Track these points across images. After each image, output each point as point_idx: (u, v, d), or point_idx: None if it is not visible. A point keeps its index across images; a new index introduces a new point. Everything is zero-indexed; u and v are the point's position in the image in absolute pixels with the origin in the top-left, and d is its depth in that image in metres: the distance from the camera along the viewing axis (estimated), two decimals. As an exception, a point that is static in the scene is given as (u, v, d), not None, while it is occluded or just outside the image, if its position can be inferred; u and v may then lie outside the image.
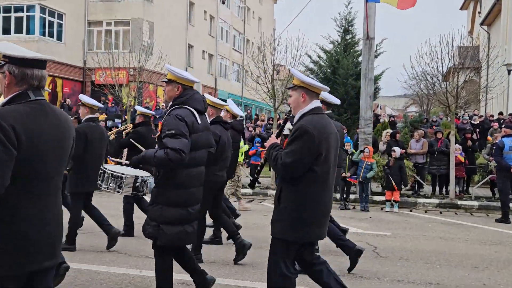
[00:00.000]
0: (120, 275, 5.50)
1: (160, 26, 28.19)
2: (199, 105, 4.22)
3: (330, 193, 3.78)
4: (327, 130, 3.70)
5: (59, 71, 25.83)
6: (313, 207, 3.65)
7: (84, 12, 27.57)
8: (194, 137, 4.04)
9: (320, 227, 3.74)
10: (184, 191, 4.06)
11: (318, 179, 3.64)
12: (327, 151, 3.65)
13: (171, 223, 4.01)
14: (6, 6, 24.72)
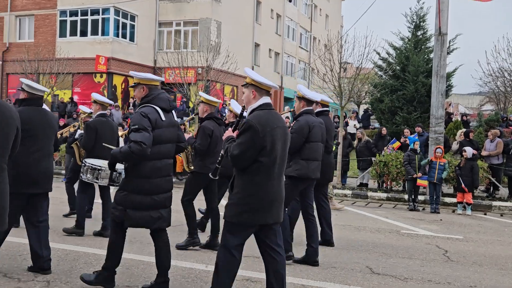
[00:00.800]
0: (187, 269, 5.62)
1: (228, 26, 28.58)
2: (164, 104, 4.63)
3: (275, 182, 4.07)
4: (272, 124, 3.99)
5: (131, 70, 26.82)
6: (259, 194, 3.98)
7: (155, 13, 28.47)
8: (157, 132, 4.47)
9: (266, 212, 4.03)
10: (148, 180, 4.49)
11: (263, 169, 3.97)
12: (271, 143, 3.96)
13: (135, 208, 4.48)
14: (84, 9, 26.00)
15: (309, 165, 5.90)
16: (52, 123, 5.33)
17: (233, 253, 4.04)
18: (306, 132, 5.85)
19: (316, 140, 5.95)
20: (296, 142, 5.75)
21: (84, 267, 5.48)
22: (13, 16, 27.85)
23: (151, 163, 4.49)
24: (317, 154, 6.00)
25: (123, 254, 4.84)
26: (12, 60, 26.44)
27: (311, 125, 5.89)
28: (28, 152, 4.95)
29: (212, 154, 6.38)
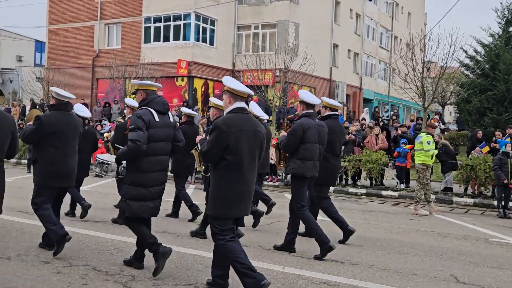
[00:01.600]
0: (264, 270, 5.62)
1: (305, 27, 28.46)
2: (158, 107, 5.18)
3: (245, 178, 4.50)
4: (239, 126, 4.45)
5: (210, 73, 27.49)
6: (227, 189, 4.45)
7: (234, 17, 28.96)
8: (151, 131, 5.03)
9: (236, 207, 4.52)
10: (144, 174, 5.05)
11: (230, 166, 4.44)
12: (236, 143, 4.41)
13: (134, 199, 5.05)
14: (166, 15, 27.00)
15: (305, 165, 6.27)
16: (77, 126, 6.05)
17: (228, 240, 4.52)
18: (300, 134, 6.22)
19: (312, 141, 6.28)
20: (291, 143, 6.29)
21: (166, 264, 5.64)
22: (102, 24, 29.51)
23: (147, 159, 5.05)
24: (312, 154, 6.31)
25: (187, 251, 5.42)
26: (101, 65, 28.01)
27: (305, 127, 6.22)
28: (55, 151, 5.73)
29: None
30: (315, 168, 6.39)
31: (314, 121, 6.39)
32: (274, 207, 8.64)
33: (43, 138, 5.72)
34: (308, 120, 6.33)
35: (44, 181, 5.73)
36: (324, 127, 6.52)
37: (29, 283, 4.78)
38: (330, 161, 6.93)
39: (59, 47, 30.92)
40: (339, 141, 7.11)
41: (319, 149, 6.41)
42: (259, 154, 4.67)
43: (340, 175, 14.88)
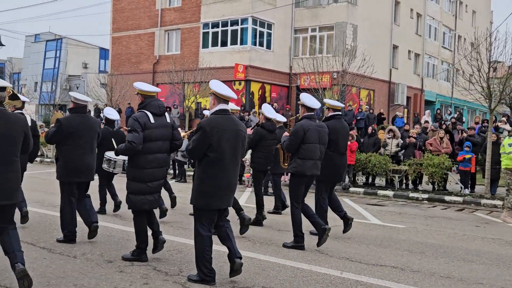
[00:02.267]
0: (321, 275, 5.56)
1: (364, 28, 28.00)
2: (154, 109, 5.61)
3: (226, 173, 4.94)
4: (221, 126, 4.90)
5: (267, 77, 27.60)
6: (210, 183, 4.91)
7: (291, 21, 28.94)
8: (147, 132, 5.47)
9: (219, 199, 4.96)
10: (142, 170, 5.52)
11: (213, 162, 4.90)
12: (217, 142, 4.86)
13: (134, 193, 5.55)
14: (224, 20, 27.39)
15: (305, 164, 6.64)
16: (94, 126, 6.64)
17: (209, 236, 4.97)
18: (301, 135, 6.59)
19: (312, 141, 6.66)
20: (293, 144, 6.67)
21: (223, 266, 5.70)
22: (162, 31, 30.34)
23: (144, 157, 5.51)
24: (313, 154, 6.67)
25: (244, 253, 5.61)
26: (161, 71, 28.78)
27: (306, 128, 6.60)
28: (74, 149, 6.36)
29: None
30: (316, 166, 6.74)
31: (315, 122, 6.78)
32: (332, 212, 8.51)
33: (63, 138, 6.39)
34: (309, 121, 6.71)
35: (64, 176, 6.40)
36: (324, 127, 6.91)
37: (93, 281, 4.96)
38: (335, 159, 7.32)
39: (122, 54, 32.08)
40: (343, 140, 7.48)
41: (319, 149, 6.76)
42: (241, 151, 5.13)
43: (400, 179, 14.50)
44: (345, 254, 6.62)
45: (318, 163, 6.79)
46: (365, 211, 11.01)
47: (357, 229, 8.66)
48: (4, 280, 4.93)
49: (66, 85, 43.88)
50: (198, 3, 28.37)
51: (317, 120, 6.87)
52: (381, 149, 15.09)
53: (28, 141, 4.80)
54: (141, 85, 5.76)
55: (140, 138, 5.42)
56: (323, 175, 7.12)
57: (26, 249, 6.11)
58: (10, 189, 4.57)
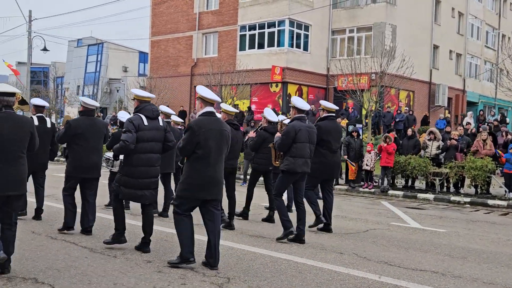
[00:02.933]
0: (359, 278, 5.49)
1: (403, 29, 27.52)
2: (147, 113, 6.18)
3: (212, 168, 5.54)
4: (207, 126, 5.50)
5: (304, 79, 27.49)
6: (197, 176, 5.50)
7: (328, 22, 28.75)
8: (140, 133, 6.03)
9: (204, 190, 5.54)
10: (134, 168, 6.08)
11: (199, 158, 5.48)
12: (204, 140, 5.45)
13: (124, 186, 6.12)
14: (261, 23, 27.46)
15: (296, 161, 7.13)
16: (100, 128, 7.33)
17: (182, 217, 5.58)
18: (292, 135, 7.10)
19: (303, 141, 7.16)
20: (285, 143, 7.16)
21: (260, 268, 5.71)
22: (200, 34, 30.70)
23: (136, 156, 6.07)
24: (303, 152, 7.17)
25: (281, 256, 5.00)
26: (199, 74, 29.12)
27: (297, 129, 7.11)
28: (81, 148, 7.04)
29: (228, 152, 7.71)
30: (306, 164, 7.24)
31: (305, 123, 7.30)
32: (370, 215, 8.42)
33: (71, 138, 7.11)
34: (299, 123, 7.23)
35: (71, 171, 7.14)
36: (313, 128, 7.47)
37: (133, 280, 5.05)
38: (327, 157, 7.90)
39: (161, 57, 32.63)
40: (335, 140, 8.04)
41: (309, 148, 7.28)
42: (226, 148, 5.77)
43: (441, 183, 14.17)
44: (383, 258, 6.51)
45: (308, 161, 7.31)
46: (405, 214, 10.80)
47: (396, 232, 8.51)
48: (29, 272, 5.08)
49: (107, 88, 44.96)
50: (236, 6, 28.55)
51: (307, 121, 7.42)
52: (421, 151, 14.77)
53: (34, 141, 5.36)
54: (137, 91, 6.45)
55: (133, 138, 5.99)
56: (316, 171, 7.70)
57: (68, 248, 6.30)
58: (18, 181, 5.14)
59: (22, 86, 37.77)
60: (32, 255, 5.90)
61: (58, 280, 4.97)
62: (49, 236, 7.00)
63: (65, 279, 5.01)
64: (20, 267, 5.37)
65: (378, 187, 14.70)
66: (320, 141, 7.64)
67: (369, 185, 14.78)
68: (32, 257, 5.79)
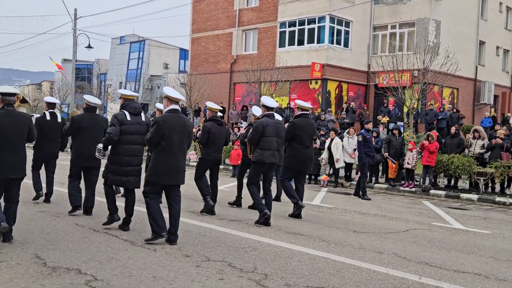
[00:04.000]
0: (398, 278, 5.39)
1: (447, 24, 26.78)
2: (131, 110, 7.13)
3: (174, 158, 6.43)
4: (171, 121, 6.41)
5: (344, 76, 27.18)
6: (161, 164, 6.41)
7: (370, 18, 28.30)
8: (123, 127, 6.97)
9: (168, 176, 6.43)
10: (119, 157, 7.02)
11: (163, 149, 6.39)
12: (168, 133, 6.36)
13: (112, 173, 7.08)
14: (301, 19, 27.29)
15: (264, 153, 8.10)
16: (100, 123, 8.20)
17: (150, 198, 6.48)
18: (261, 130, 8.07)
19: (270, 135, 8.10)
20: (254, 138, 8.15)
21: (297, 265, 5.69)
22: (240, 30, 30.81)
23: (120, 146, 6.99)
24: (271, 145, 8.11)
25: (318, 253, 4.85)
26: (238, 70, 29.24)
27: (265, 124, 8.10)
28: (82, 140, 8.04)
29: (212, 146, 9.04)
30: (273, 156, 8.16)
31: (273, 120, 8.24)
32: (411, 214, 8.26)
33: (76, 131, 8.14)
34: (268, 119, 8.22)
35: (74, 161, 8.19)
36: (280, 124, 8.45)
37: (172, 274, 5.13)
38: (300, 151, 8.79)
39: (201, 54, 32.95)
40: (307, 135, 8.86)
41: (276, 141, 8.20)
42: (187, 141, 6.64)
43: (486, 183, 13.74)
44: (424, 258, 6.37)
45: (276, 153, 8.21)
46: (447, 214, 10.54)
47: (438, 233, 8.31)
48: (71, 262, 5.23)
49: (148, 85, 45.78)
50: (276, 3, 28.49)
51: (275, 117, 8.37)
52: (465, 150, 14.37)
53: (32, 133, 6.37)
54: (122, 91, 7.45)
55: (117, 131, 6.91)
56: (290, 164, 8.85)
57: (110, 241, 6.46)
58: (19, 166, 6.18)
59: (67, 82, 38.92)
60: (75, 246, 6.08)
61: (100, 271, 5.10)
62: (92, 228, 7.20)
63: (107, 270, 5.14)
64: (64, 257, 5.54)
65: (420, 186, 14.40)
66: (294, 136, 8.70)
67: (410, 184, 14.49)
68: (75, 249, 5.96)
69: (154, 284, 4.79)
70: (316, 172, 15.87)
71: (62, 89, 40.94)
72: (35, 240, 6.33)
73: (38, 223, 7.40)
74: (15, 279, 4.76)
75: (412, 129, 19.06)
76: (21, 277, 4.82)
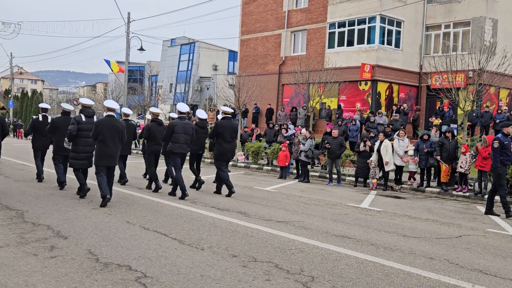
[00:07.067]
0: (450, 286, 5.21)
1: (506, 23, 25.73)
2: (86, 113, 10.12)
3: (108, 148, 9.29)
4: (105, 123, 9.31)
5: (395, 77, 26.61)
6: (99, 152, 9.30)
7: (422, 17, 27.59)
8: (79, 126, 9.89)
9: (105, 160, 9.30)
10: (77, 147, 9.97)
11: (101, 141, 9.25)
12: (101, 131, 9.23)
13: (72, 158, 10.04)
14: (351, 20, 26.95)
15: (174, 145, 10.77)
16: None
17: (100, 175, 9.20)
18: (171, 128, 10.76)
19: (178, 132, 10.76)
20: (167, 134, 10.90)
21: (345, 268, 5.61)
22: (289, 32, 30.77)
23: (78, 139, 9.93)
24: (180, 139, 10.78)
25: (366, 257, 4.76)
26: (287, 72, 29.21)
27: (174, 124, 10.80)
28: (61, 137, 10.82)
29: (152, 140, 11.98)
30: (181, 148, 10.82)
31: (182, 121, 10.92)
32: (464, 220, 7.97)
33: (55, 130, 11.16)
34: (178, 120, 10.94)
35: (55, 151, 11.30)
36: (189, 124, 11.11)
37: (219, 273, 5.18)
38: (223, 145, 11.31)
39: (250, 55, 33.14)
40: (228, 133, 11.31)
41: (184, 137, 10.83)
42: (119, 138, 9.44)
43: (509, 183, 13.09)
44: (477, 265, 6.14)
45: (184, 146, 10.89)
46: (503, 221, 10.12)
47: (493, 240, 7.99)
48: (121, 259, 5.35)
49: (198, 86, 46.45)
50: (325, 3, 28.28)
51: (186, 119, 11.10)
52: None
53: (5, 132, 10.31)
54: (81, 100, 10.56)
55: (75, 128, 9.83)
56: (217, 156, 11.41)
57: (159, 239, 6.59)
58: None
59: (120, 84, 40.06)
60: (126, 243, 6.25)
61: (149, 268, 5.22)
62: (142, 226, 7.38)
63: (156, 268, 5.25)
64: (116, 254, 5.70)
65: (473, 190, 13.89)
66: (218, 133, 11.26)
67: (464, 188, 14.00)
68: (127, 246, 6.13)
69: (202, 282, 4.85)
70: (365, 175, 15.62)
71: (115, 91, 42.26)
72: (89, 236, 6.55)
73: (92, 220, 7.66)
74: (70, 273, 4.94)
75: (466, 131, 18.42)
76: (75, 271, 5.00)
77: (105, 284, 4.64)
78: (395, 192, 14.78)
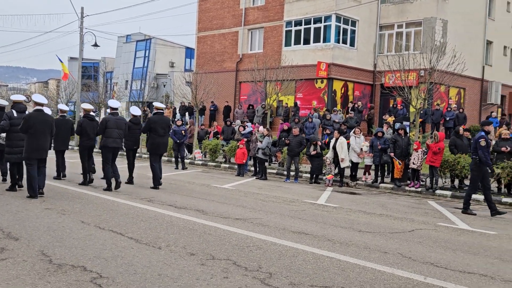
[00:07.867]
0: (403, 279, 5.37)
1: (455, 23, 26.67)
2: (17, 109, 10.36)
3: (38, 141, 9.67)
4: (35, 117, 9.68)
5: (350, 75, 27.11)
6: (31, 145, 9.64)
7: (376, 17, 28.21)
8: (12, 121, 10.06)
9: (36, 152, 9.69)
10: (10, 142, 10.21)
11: (32, 134, 9.58)
12: (33, 124, 9.56)
13: (7, 153, 10.33)
14: (307, 18, 27.22)
15: (107, 140, 11.31)
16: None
17: (30, 167, 9.62)
18: (104, 124, 11.39)
19: (111, 127, 11.34)
20: (100, 130, 11.54)
21: (302, 264, 5.68)
22: (246, 29, 30.79)
23: (11, 134, 10.15)
24: (113, 134, 11.31)
25: (323, 253, 4.78)
26: (244, 69, 29.24)
27: (107, 119, 11.45)
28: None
29: (85, 135, 12.05)
30: (114, 142, 11.38)
31: (115, 117, 11.54)
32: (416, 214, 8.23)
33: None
34: (111, 116, 11.54)
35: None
36: (122, 120, 11.67)
37: (177, 272, 5.14)
38: (156, 139, 11.99)
39: (207, 52, 32.96)
40: (161, 127, 12.01)
41: (117, 132, 11.40)
42: (49, 131, 9.92)
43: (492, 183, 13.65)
44: (429, 258, 6.36)
45: (117, 140, 11.46)
46: (452, 215, 10.50)
47: (443, 233, 8.28)
48: (79, 260, 5.24)
49: (154, 83, 45.82)
50: (282, 2, 28.46)
51: (118, 115, 11.74)
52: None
53: None
54: (14, 97, 10.83)
55: (7, 123, 10.06)
56: (150, 149, 12.10)
57: (115, 238, 6.47)
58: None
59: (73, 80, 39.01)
60: (81, 244, 6.11)
61: (105, 269, 5.12)
62: (97, 226, 7.22)
63: (112, 268, 5.16)
64: (70, 255, 5.56)
65: (425, 186, 14.35)
66: (150, 128, 11.93)
67: (416, 184, 14.45)
68: (81, 246, 5.99)
69: (159, 282, 4.80)
70: (319, 172, 15.88)
71: (68, 87, 41.09)
72: (41, 237, 6.36)
73: (45, 220, 7.44)
74: (21, 275, 4.78)
75: (418, 129, 18.97)
76: (27, 274, 4.85)
77: (59, 286, 4.52)
78: (350, 188, 15.07)
